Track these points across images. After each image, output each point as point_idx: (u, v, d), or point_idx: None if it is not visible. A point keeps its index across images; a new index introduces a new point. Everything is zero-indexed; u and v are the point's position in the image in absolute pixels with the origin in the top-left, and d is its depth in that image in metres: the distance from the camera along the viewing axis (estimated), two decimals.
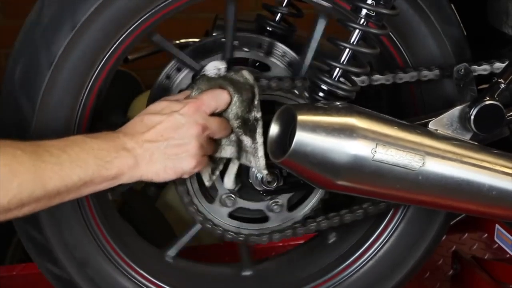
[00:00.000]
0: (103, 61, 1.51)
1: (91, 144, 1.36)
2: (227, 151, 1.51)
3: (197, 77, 1.57)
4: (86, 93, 1.51)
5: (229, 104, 1.48)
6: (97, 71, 1.51)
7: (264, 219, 1.69)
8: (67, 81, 1.49)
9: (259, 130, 1.48)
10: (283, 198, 1.67)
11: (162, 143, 1.41)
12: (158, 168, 1.42)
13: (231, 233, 1.66)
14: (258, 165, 1.49)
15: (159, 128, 1.42)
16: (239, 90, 1.48)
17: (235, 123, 1.49)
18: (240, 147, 1.51)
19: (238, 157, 1.52)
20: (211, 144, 1.49)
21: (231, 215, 1.67)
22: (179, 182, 1.60)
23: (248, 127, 1.49)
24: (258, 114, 1.49)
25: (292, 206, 1.69)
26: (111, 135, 1.40)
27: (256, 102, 1.49)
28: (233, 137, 1.50)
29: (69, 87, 1.50)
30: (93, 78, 1.51)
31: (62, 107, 1.50)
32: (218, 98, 1.47)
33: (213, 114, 1.47)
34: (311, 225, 1.67)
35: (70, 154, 1.33)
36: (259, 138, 1.48)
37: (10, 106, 1.51)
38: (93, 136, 1.38)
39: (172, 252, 1.73)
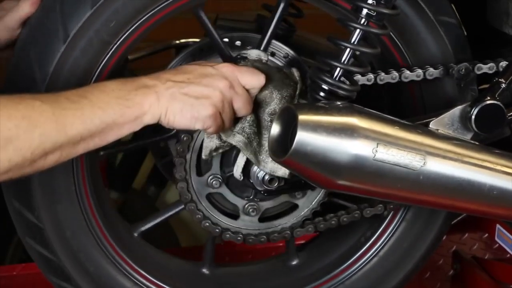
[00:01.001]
0: (108, 55, 1.51)
1: (111, 86, 1.37)
2: (236, 138, 1.52)
3: (239, 56, 1.58)
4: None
5: (267, 100, 1.49)
6: (102, 63, 1.52)
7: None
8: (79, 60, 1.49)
9: None
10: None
11: (185, 85, 1.41)
12: (176, 107, 1.40)
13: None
14: None
15: (189, 73, 1.43)
16: (281, 87, 1.49)
17: (268, 118, 1.50)
18: (250, 143, 1.52)
19: (245, 150, 1.53)
20: (231, 112, 1.47)
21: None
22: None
23: None
24: None
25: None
26: (133, 78, 1.41)
27: (295, 100, 1.50)
28: (247, 128, 1.51)
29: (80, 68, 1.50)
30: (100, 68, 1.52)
31: None
32: (253, 76, 1.48)
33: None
34: None
35: (91, 98, 1.33)
36: None
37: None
38: (114, 80, 1.39)
39: (141, 228, 1.73)
